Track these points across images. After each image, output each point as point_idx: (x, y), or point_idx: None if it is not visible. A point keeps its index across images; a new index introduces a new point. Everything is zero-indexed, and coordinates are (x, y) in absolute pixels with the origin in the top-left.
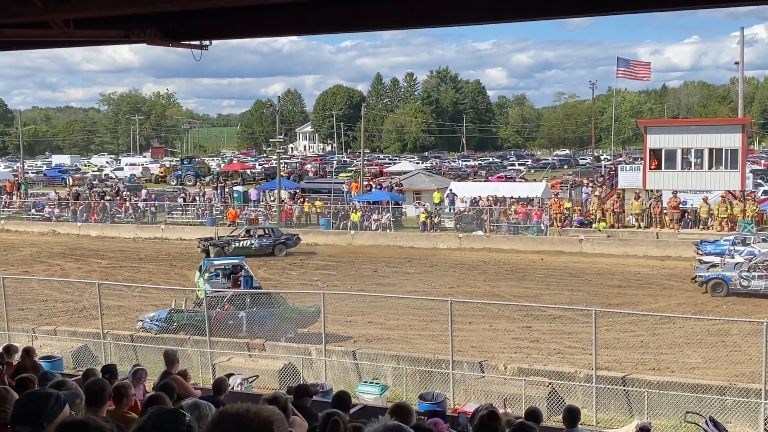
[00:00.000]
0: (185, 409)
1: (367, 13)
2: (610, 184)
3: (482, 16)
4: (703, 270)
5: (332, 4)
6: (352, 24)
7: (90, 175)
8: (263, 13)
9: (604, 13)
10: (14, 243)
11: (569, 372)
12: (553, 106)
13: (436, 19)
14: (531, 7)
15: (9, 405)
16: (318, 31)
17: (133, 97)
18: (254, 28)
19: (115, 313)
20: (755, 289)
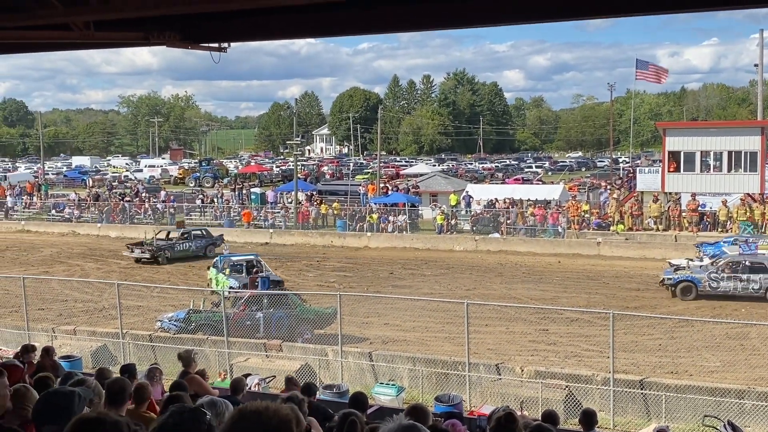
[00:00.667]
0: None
1: (385, 15)
2: (628, 187)
3: (501, 17)
4: (670, 272)
5: (350, 7)
6: (370, 26)
7: (110, 176)
8: (282, 15)
9: (623, 14)
10: (35, 243)
11: (586, 375)
12: (570, 108)
13: (455, 21)
14: (550, 8)
15: (29, 403)
16: (337, 33)
17: (152, 99)
18: (273, 30)
19: (134, 313)
20: (725, 290)
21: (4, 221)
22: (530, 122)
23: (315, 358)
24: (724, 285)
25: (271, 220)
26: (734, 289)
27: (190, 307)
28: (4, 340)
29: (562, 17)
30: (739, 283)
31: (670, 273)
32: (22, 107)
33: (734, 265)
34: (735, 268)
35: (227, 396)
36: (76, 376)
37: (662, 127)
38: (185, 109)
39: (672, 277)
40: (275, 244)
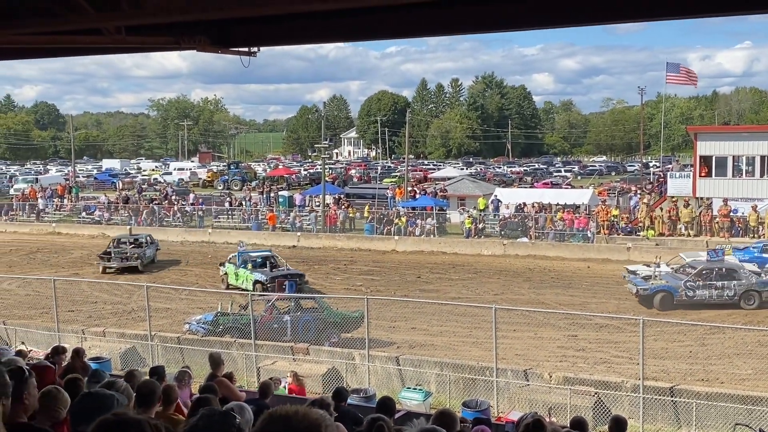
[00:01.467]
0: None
1: (414, 19)
2: (659, 192)
3: (532, 21)
4: (642, 282)
5: (378, 12)
6: (399, 30)
7: (140, 179)
8: (311, 20)
9: (655, 18)
10: (65, 245)
11: (616, 382)
12: (600, 112)
13: (485, 25)
14: (579, 13)
15: (62, 405)
16: (365, 38)
17: (181, 102)
18: (302, 35)
19: (162, 316)
20: (701, 298)
21: (36, 223)
22: (559, 126)
23: (342, 361)
24: (700, 293)
25: (299, 223)
26: (710, 297)
27: (218, 309)
28: (35, 341)
29: (590, 22)
30: (714, 291)
31: (641, 282)
32: (53, 110)
33: (708, 272)
34: (709, 276)
35: (255, 399)
36: (105, 377)
37: (694, 131)
38: (214, 113)
39: (648, 287)
40: (303, 248)
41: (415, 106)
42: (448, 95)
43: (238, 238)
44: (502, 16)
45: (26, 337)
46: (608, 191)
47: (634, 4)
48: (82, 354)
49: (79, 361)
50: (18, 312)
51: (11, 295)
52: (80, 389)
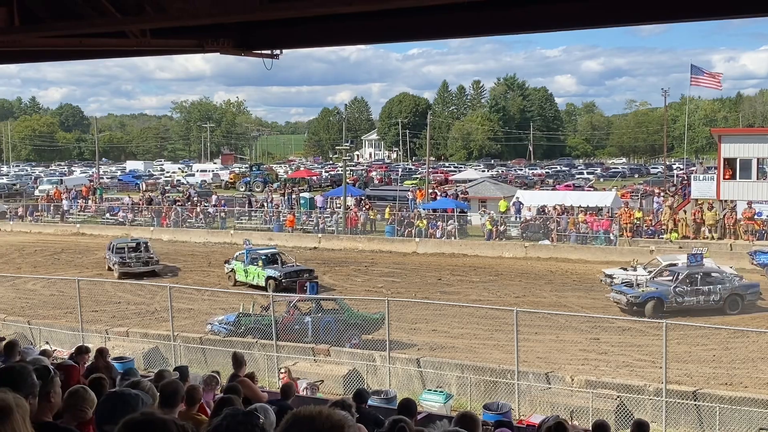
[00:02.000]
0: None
1: (435, 21)
2: (682, 194)
3: (556, 23)
4: (629, 289)
5: (401, 14)
6: (422, 32)
7: (163, 180)
8: (334, 22)
9: (677, 20)
10: (89, 246)
11: (638, 385)
12: (623, 114)
13: (508, 27)
14: (600, 14)
15: (89, 405)
16: (388, 40)
17: (204, 104)
18: (325, 37)
19: (185, 316)
20: (688, 304)
21: (60, 224)
22: (582, 128)
23: (363, 363)
24: (688, 299)
25: (321, 225)
26: (697, 302)
27: (240, 310)
28: (59, 340)
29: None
30: (702, 296)
31: (630, 290)
32: (78, 112)
33: (692, 277)
34: (694, 281)
35: (277, 400)
36: (133, 377)
37: (718, 133)
38: (236, 115)
39: (639, 294)
40: (324, 249)
41: (437, 108)
42: (470, 97)
43: (259, 240)
44: (523, 18)
45: (50, 336)
46: (631, 194)
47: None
48: (105, 354)
49: (102, 361)
50: (42, 312)
51: (36, 295)
52: (104, 389)
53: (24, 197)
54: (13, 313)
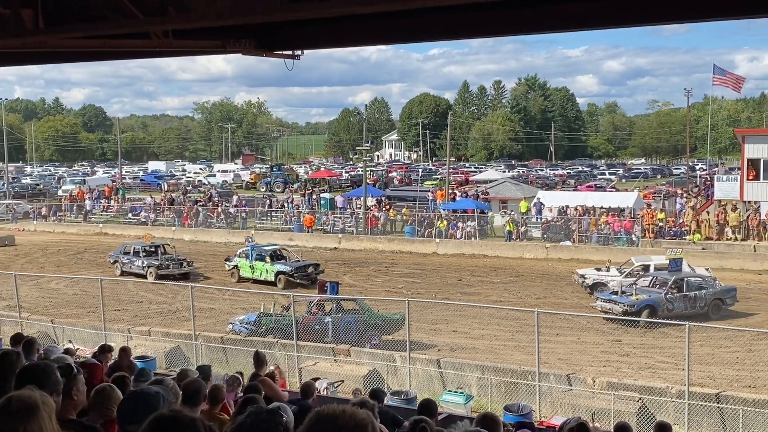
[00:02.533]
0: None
1: (457, 21)
2: (705, 195)
3: (577, 23)
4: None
5: (422, 14)
6: (442, 32)
7: (184, 181)
8: (355, 22)
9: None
10: (112, 246)
11: (660, 387)
12: (645, 114)
13: (528, 26)
14: (623, 14)
15: (114, 403)
16: (409, 40)
17: (225, 105)
18: (346, 37)
19: (206, 316)
20: (678, 310)
21: (83, 224)
22: (603, 128)
23: (383, 363)
24: (678, 305)
25: (340, 225)
26: (685, 308)
27: (261, 310)
28: (81, 339)
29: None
30: (689, 302)
31: (623, 299)
32: (100, 113)
33: (679, 283)
34: (681, 287)
35: (297, 400)
36: (150, 374)
37: (741, 134)
38: (257, 116)
39: (633, 303)
40: (344, 249)
41: (457, 108)
42: (491, 97)
43: (280, 240)
44: (547, 17)
45: (73, 335)
46: (653, 194)
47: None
48: (128, 353)
49: (126, 360)
50: (65, 311)
51: (59, 294)
52: (128, 388)
53: (47, 197)
54: (36, 312)
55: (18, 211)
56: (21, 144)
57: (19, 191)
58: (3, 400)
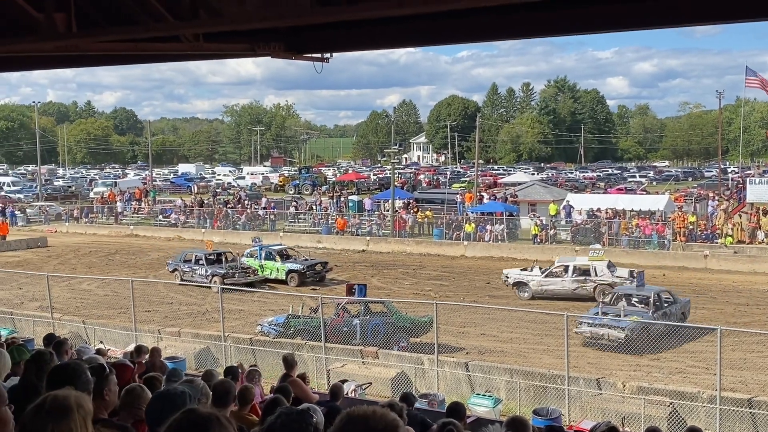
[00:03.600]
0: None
1: (488, 23)
2: (737, 198)
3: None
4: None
5: (452, 16)
6: (472, 34)
7: (214, 183)
8: (384, 25)
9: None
10: (142, 247)
11: (692, 392)
12: (677, 116)
13: (557, 28)
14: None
15: (144, 403)
16: (439, 42)
17: (254, 108)
18: (375, 40)
19: (235, 317)
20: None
21: (114, 226)
22: (634, 131)
23: (411, 366)
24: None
25: (368, 227)
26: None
27: (289, 312)
28: (112, 340)
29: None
30: (667, 318)
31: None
32: (132, 116)
33: (657, 300)
34: (658, 304)
35: (326, 401)
36: (181, 375)
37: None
38: (286, 118)
39: (630, 325)
40: (372, 252)
41: (486, 110)
42: (519, 99)
43: (308, 242)
44: (578, 19)
45: (105, 336)
46: (684, 197)
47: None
48: (159, 353)
49: (159, 360)
50: (97, 312)
51: (91, 296)
52: (158, 388)
53: (79, 199)
54: (68, 313)
55: (50, 213)
56: (53, 147)
57: (52, 193)
58: (39, 399)
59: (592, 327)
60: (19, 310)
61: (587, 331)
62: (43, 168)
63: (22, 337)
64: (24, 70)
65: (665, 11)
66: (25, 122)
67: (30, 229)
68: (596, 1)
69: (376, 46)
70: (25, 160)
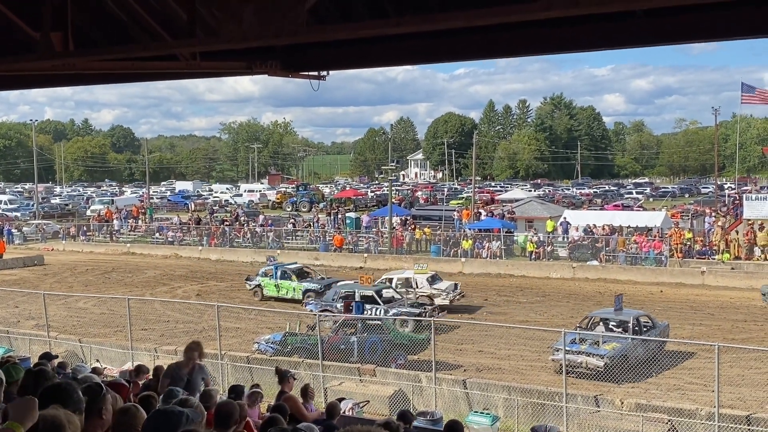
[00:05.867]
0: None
1: (483, 41)
2: (734, 214)
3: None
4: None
5: (450, 35)
6: (469, 52)
7: (211, 201)
8: (381, 43)
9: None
10: (139, 265)
11: (690, 409)
12: (673, 133)
13: (553, 46)
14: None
15: (139, 423)
16: (436, 60)
17: (252, 126)
18: (372, 58)
19: (232, 335)
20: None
21: (111, 244)
22: (630, 147)
23: (408, 383)
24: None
25: (365, 244)
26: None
27: (286, 329)
28: (109, 358)
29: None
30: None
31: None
32: (129, 134)
33: (636, 324)
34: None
35: (323, 420)
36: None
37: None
38: (283, 136)
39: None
40: (369, 269)
41: (482, 127)
42: (516, 116)
43: (306, 260)
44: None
45: (101, 354)
46: (681, 214)
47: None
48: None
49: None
50: (93, 330)
51: (87, 314)
52: (153, 408)
53: (76, 217)
54: (64, 331)
55: (47, 231)
56: (50, 165)
57: (49, 211)
58: None
59: (570, 354)
60: (16, 328)
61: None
62: (40, 186)
63: (19, 356)
64: (22, 88)
65: (654, 29)
66: (23, 140)
67: (27, 247)
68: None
69: (373, 64)
70: (22, 178)
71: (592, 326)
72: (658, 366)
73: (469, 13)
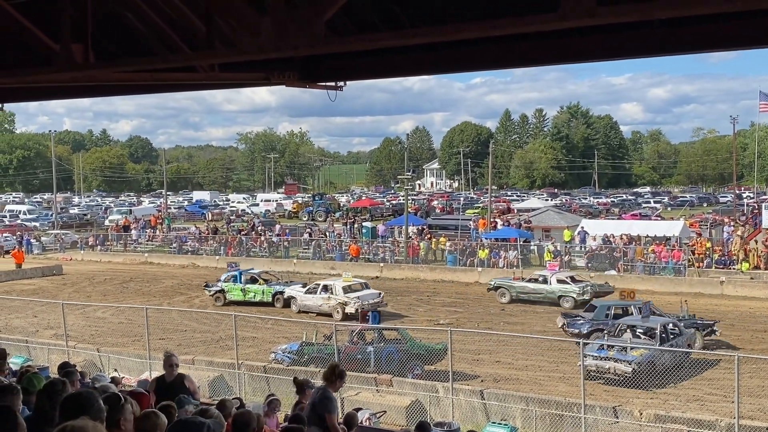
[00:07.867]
0: None
1: (501, 51)
2: (753, 223)
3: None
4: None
5: (466, 45)
6: (485, 62)
7: (228, 210)
8: (398, 53)
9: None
10: (156, 275)
11: (709, 420)
12: (691, 142)
13: (569, 56)
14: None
15: (160, 430)
16: (454, 70)
17: (268, 135)
18: (389, 68)
19: (249, 344)
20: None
21: (129, 253)
22: (648, 156)
23: (425, 394)
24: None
25: (381, 254)
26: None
27: (303, 339)
28: (127, 368)
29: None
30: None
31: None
32: (147, 144)
33: (663, 331)
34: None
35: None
36: (189, 402)
37: None
38: (300, 145)
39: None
40: (385, 278)
41: (499, 136)
42: (532, 125)
43: (321, 269)
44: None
45: (119, 364)
46: (699, 223)
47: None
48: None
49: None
50: (111, 339)
51: (105, 323)
52: (173, 417)
53: (94, 227)
54: (83, 341)
55: (66, 241)
56: (69, 175)
57: (67, 221)
58: (57, 429)
59: (598, 360)
60: (34, 338)
61: (592, 364)
62: (59, 196)
63: (38, 365)
64: (41, 100)
65: (672, 38)
66: (42, 151)
67: (45, 257)
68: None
69: (389, 74)
70: (41, 188)
71: (619, 333)
72: (684, 373)
73: (485, 24)
